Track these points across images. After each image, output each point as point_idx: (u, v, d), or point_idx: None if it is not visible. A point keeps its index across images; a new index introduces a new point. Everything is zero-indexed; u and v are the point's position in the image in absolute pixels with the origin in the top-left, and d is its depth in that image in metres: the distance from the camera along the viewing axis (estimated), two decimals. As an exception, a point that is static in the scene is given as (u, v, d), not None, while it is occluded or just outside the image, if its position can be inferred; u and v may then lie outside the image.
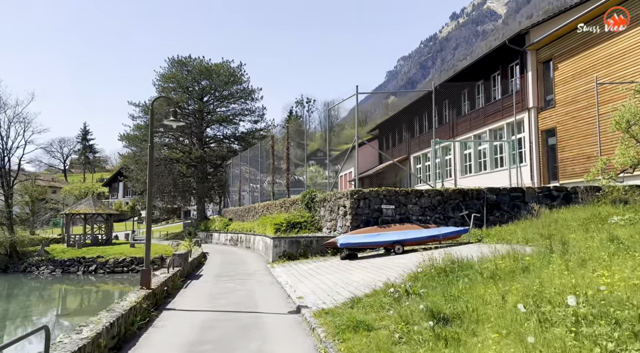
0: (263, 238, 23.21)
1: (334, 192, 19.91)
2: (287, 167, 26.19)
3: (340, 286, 9.91)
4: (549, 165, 25.04)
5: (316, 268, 14.09)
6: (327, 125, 19.11)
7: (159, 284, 9.87)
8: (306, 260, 16.88)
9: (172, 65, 46.69)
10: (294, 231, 20.44)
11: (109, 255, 34.00)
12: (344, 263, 14.25)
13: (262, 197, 36.03)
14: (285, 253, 18.02)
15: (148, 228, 9.19)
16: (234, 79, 47.09)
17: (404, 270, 10.81)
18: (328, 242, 17.06)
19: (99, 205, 41.08)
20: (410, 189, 18.32)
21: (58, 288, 29.98)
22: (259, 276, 14.25)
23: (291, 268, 15.01)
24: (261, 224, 25.63)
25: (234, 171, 43.06)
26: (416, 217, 17.79)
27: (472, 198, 17.96)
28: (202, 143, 47.73)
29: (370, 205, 18.02)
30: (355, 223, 17.72)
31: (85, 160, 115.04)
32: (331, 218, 19.74)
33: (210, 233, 39.78)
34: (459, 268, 7.69)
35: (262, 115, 49.96)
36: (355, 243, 15.56)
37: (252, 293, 10.74)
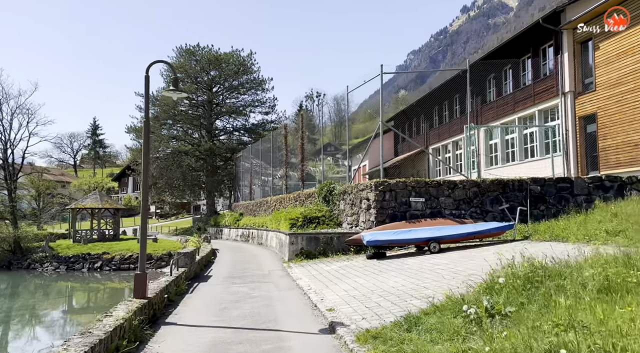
0: (277, 234, 21.49)
1: (356, 184, 18.08)
2: (302, 158, 24.37)
3: (378, 294, 8.10)
4: (587, 154, 22.92)
5: (340, 269, 12.29)
6: (347, 108, 17.31)
7: (159, 291, 8.15)
8: (327, 260, 15.10)
9: (180, 55, 45.02)
10: (311, 226, 18.66)
11: (115, 252, 32.57)
12: (372, 264, 12.44)
13: (273, 191, 34.32)
14: (302, 251, 16.26)
15: (143, 223, 7.48)
16: (243, 68, 45.27)
17: (453, 275, 8.96)
18: (351, 239, 15.27)
19: (105, 200, 39.67)
20: (442, 180, 16.43)
21: (61, 287, 28.57)
22: (276, 278, 12.49)
23: (311, 268, 13.23)
24: (274, 219, 23.90)
25: (244, 164, 41.38)
26: (449, 211, 15.91)
27: (513, 189, 16.01)
28: (212, 135, 46.08)
29: (397, 197, 16.16)
30: (380, 218, 15.90)
31: (95, 155, 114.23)
32: (352, 212, 17.92)
33: (220, 228, 38.19)
34: (546, 276, 5.82)
35: (273, 107, 48.17)
36: (384, 241, 13.73)
37: (270, 302, 8.97)
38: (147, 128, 7.36)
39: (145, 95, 7.26)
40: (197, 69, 44.61)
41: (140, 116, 46.44)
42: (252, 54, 45.83)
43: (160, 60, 7.43)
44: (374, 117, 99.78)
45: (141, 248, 7.49)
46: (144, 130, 7.36)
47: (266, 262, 17.27)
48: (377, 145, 37.71)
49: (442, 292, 7.62)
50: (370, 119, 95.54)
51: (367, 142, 52.74)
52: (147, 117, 7.39)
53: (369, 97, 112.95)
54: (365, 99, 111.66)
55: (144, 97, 7.32)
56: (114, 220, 40.04)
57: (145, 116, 7.39)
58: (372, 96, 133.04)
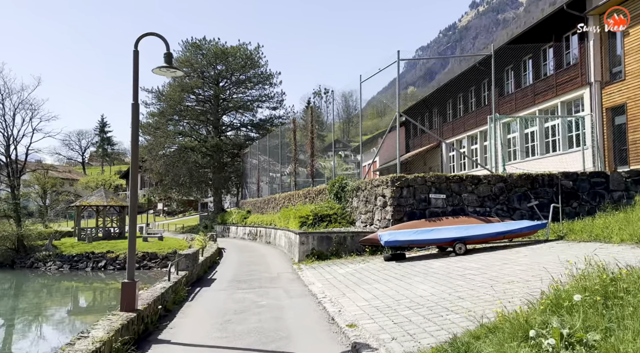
0: (286, 233, 20.40)
1: (370, 180, 16.91)
2: (312, 153, 23.22)
3: (406, 306, 6.95)
4: (614, 147, 21.54)
5: (356, 272, 11.15)
6: (360, 99, 16.39)
7: (152, 301, 7.06)
8: (340, 261, 13.96)
9: (186, 49, 44.03)
10: (323, 225, 17.53)
11: (119, 250, 31.70)
12: (391, 267, 11.28)
13: (282, 188, 33.25)
14: (313, 251, 15.13)
15: (132, 223, 6.39)
16: (251, 62, 44.16)
17: (491, 283, 7.78)
18: (365, 239, 14.13)
19: (111, 197, 38.84)
20: (465, 175, 15.20)
21: (64, 287, 27.74)
22: (285, 282, 11.37)
23: (324, 271, 12.10)
24: (283, 217, 22.81)
25: (251, 161, 40.34)
26: (473, 209, 14.70)
27: (543, 185, 14.75)
28: (218, 131, 45.08)
29: (416, 194, 14.98)
30: (397, 216, 14.73)
31: (103, 152, 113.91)
32: (367, 210, 16.77)
33: (228, 226, 37.20)
34: (623, 290, 4.64)
35: (280, 102, 47.05)
36: (404, 242, 12.55)
37: (280, 313, 7.86)
38: (135, 111, 6.27)
39: (134, 73, 6.18)
40: (204, 63, 43.60)
41: (147, 112, 45.62)
42: (259, 47, 44.72)
43: (151, 33, 6.35)
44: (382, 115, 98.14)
45: (129, 252, 6.40)
46: (132, 115, 6.27)
47: (275, 263, 16.18)
48: (388, 140, 36.54)
49: (482, 304, 6.46)
50: (378, 116, 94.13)
51: (375, 139, 51.50)
52: (135, 99, 6.30)
53: (377, 94, 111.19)
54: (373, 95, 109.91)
55: (133, 75, 6.23)
56: (120, 218, 39.23)
57: (134, 97, 6.30)
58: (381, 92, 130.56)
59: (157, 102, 44.48)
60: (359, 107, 46.71)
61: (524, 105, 26.89)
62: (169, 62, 6.44)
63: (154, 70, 6.39)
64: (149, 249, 31.68)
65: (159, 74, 6.52)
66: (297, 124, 27.25)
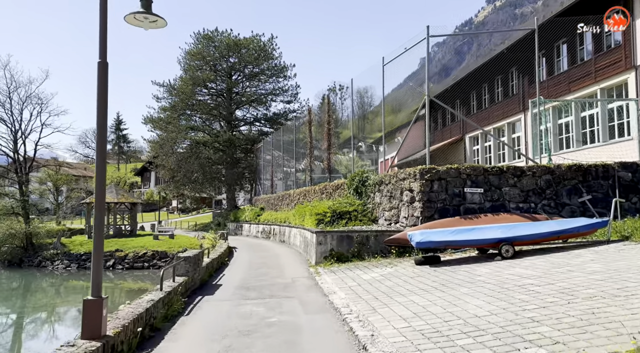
0: (301, 231, 18.80)
1: (395, 172, 15.17)
2: (329, 145, 21.54)
3: (460, 330, 5.25)
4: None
5: (385, 279, 9.46)
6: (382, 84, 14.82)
7: (130, 321, 5.48)
8: (363, 264, 12.27)
9: (198, 41, 42.64)
10: (342, 223, 15.86)
11: (128, 249, 30.47)
12: (426, 273, 9.56)
13: (296, 183, 31.66)
14: (332, 252, 13.47)
15: (98, 221, 4.82)
16: (264, 54, 42.58)
17: (567, 298, 6.02)
18: (392, 239, 12.42)
19: (121, 194, 37.65)
20: (506, 166, 13.36)
21: (70, 287, 26.59)
22: (302, 291, 9.74)
23: (346, 276, 10.44)
24: (298, 214, 21.21)
25: (265, 156, 38.82)
26: (515, 204, 12.87)
27: (597, 177, 12.83)
28: (231, 126, 43.66)
29: (448, 188, 13.20)
30: (427, 213, 12.98)
31: (119, 150, 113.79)
32: (391, 206, 15.03)
33: (240, 224, 35.77)
34: None
35: (295, 95, 45.40)
36: (440, 243, 10.79)
37: (295, 335, 6.22)
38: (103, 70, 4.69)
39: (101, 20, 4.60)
40: (216, 55, 42.16)
41: (158, 106, 44.37)
42: (272, 38, 43.12)
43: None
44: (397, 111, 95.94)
45: (95, 258, 4.83)
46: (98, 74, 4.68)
47: (289, 265, 14.57)
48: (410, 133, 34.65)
49: (569, 330, 4.71)
50: (393, 112, 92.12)
51: (392, 135, 49.59)
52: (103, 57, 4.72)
53: (392, 91, 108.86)
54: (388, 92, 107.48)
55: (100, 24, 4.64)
56: (131, 215, 38.08)
57: (101, 55, 4.72)
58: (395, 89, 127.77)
59: (169, 96, 43.25)
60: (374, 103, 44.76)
61: (558, 93, 24.77)
62: (148, 7, 4.86)
63: (127, 17, 4.81)
64: (159, 248, 30.40)
65: (134, 24, 4.95)
66: (313, 114, 25.56)
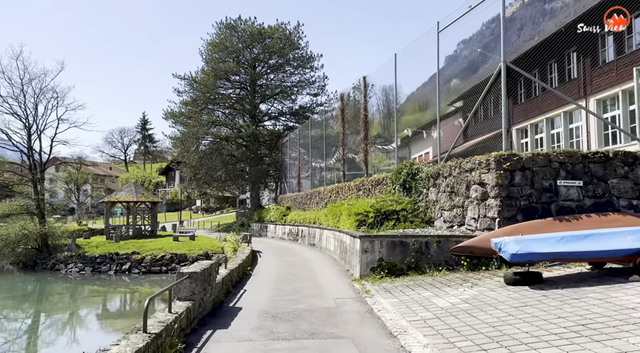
0: (336, 234, 15.96)
1: (459, 162, 12.13)
2: (365, 135, 18.64)
3: None
4: None
5: (474, 309, 6.50)
6: (437, 53, 12.35)
7: None
8: (424, 279, 9.33)
9: (220, 31, 40.28)
10: (388, 225, 12.92)
11: (146, 251, 28.20)
12: (532, 299, 6.54)
13: (325, 180, 28.86)
14: (382, 263, 10.57)
15: None
16: (290, 44, 39.87)
17: None
18: (461, 247, 9.44)
19: (141, 192, 35.51)
20: (613, 152, 10.20)
21: (80, 294, 24.37)
22: (354, 325, 6.85)
23: (409, 300, 7.53)
24: (331, 214, 18.37)
25: (291, 153, 36.11)
26: (627, 201, 9.71)
27: None
28: (255, 120, 41.12)
29: (535, 180, 10.13)
30: (507, 214, 9.95)
31: (145, 150, 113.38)
32: (452, 204, 12.03)
33: (265, 224, 33.17)
34: None
35: (322, 87, 42.49)
36: (546, 255, 7.74)
37: None
38: None
39: None
40: (239, 46, 39.69)
41: (179, 100, 42.29)
42: (299, 26, 40.36)
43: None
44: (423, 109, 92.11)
45: None
46: None
47: (326, 278, 11.71)
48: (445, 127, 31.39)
49: None
50: (419, 110, 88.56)
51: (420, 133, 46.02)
52: None
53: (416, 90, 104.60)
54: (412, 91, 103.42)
55: None
56: (152, 215, 35.99)
57: None
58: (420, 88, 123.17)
59: (190, 89, 41.01)
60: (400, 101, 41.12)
61: (628, 75, 21.12)
62: None
63: None
64: (178, 250, 28.06)
65: None
66: (346, 103, 22.63)
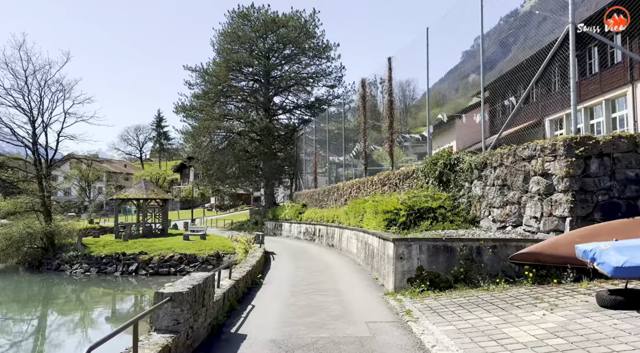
0: (359, 235, 14.00)
1: (512, 148, 10.04)
2: (391, 123, 16.62)
3: None
4: None
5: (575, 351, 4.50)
6: (481, 23, 10.78)
7: None
8: (480, 295, 7.34)
9: (232, 20, 38.49)
10: (423, 225, 10.91)
11: (154, 251, 26.56)
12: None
13: (339, 177, 26.91)
14: (422, 273, 8.58)
15: None
16: (305, 33, 37.89)
17: None
18: (524, 253, 7.44)
19: (152, 189, 33.97)
20: None
21: (84, 296, 22.82)
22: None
23: (470, 328, 5.55)
24: (352, 212, 16.42)
25: (306, 148, 34.18)
26: None
27: None
28: (269, 114, 39.29)
29: (616, 170, 8.05)
30: (581, 212, 7.90)
31: (160, 147, 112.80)
32: (504, 200, 9.97)
33: (280, 223, 31.34)
34: None
35: (339, 78, 40.41)
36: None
37: None
38: None
39: None
40: (252, 35, 37.84)
41: (190, 93, 40.65)
42: (314, 13, 38.30)
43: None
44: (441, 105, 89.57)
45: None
46: None
47: (352, 290, 9.74)
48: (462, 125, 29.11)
49: None
50: (437, 105, 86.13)
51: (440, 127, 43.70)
52: None
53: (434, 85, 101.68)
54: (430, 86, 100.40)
55: None
56: (162, 213, 34.47)
57: None
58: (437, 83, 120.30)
59: (202, 81, 39.36)
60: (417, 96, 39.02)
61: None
62: None
63: None
64: (188, 250, 26.37)
65: None
66: (367, 91, 20.59)
